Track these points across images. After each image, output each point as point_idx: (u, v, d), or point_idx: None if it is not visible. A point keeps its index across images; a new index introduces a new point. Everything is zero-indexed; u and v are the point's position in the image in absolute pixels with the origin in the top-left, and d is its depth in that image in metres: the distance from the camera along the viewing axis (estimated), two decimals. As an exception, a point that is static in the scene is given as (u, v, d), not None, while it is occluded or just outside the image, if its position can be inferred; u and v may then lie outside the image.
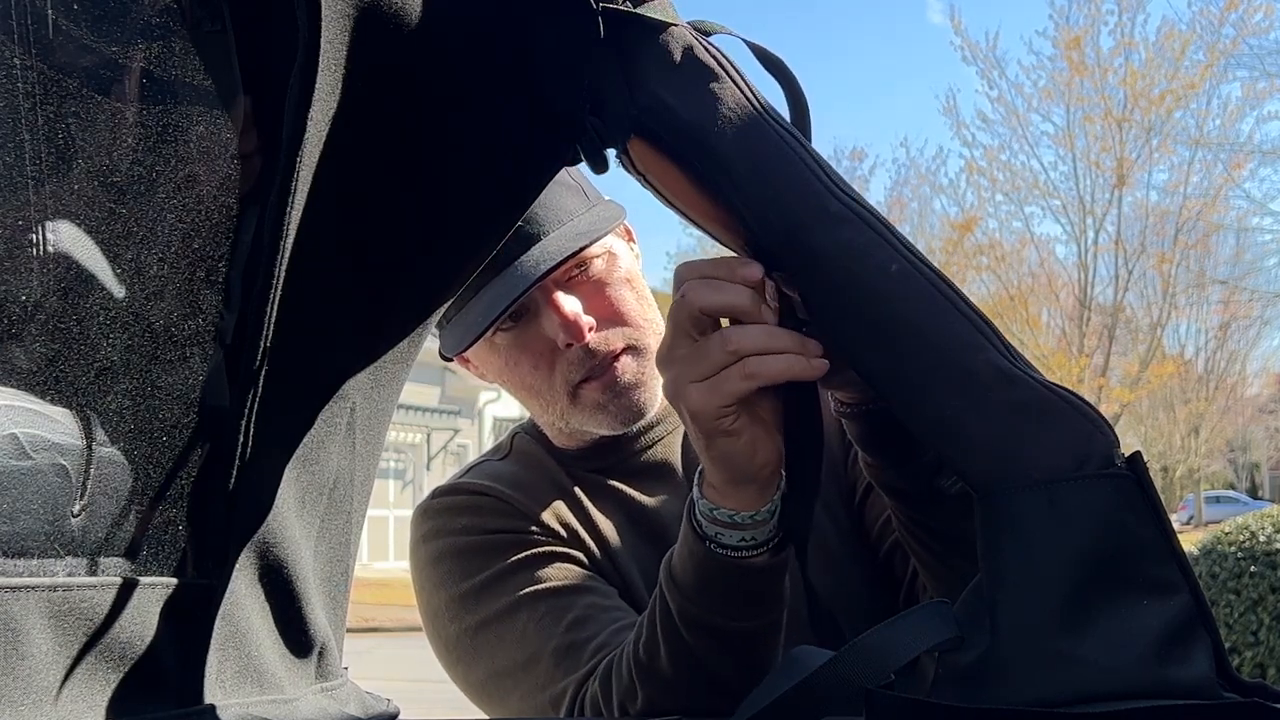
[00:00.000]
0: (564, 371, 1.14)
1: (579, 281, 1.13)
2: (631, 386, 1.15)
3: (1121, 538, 0.60)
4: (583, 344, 1.12)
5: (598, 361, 1.13)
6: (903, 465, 0.90)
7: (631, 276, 1.18)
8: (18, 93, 0.56)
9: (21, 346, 0.57)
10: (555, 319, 1.11)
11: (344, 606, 0.83)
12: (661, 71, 0.71)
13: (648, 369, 1.16)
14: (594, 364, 1.13)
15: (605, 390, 1.14)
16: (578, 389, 1.14)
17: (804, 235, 0.68)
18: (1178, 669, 0.58)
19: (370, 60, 0.65)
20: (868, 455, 0.92)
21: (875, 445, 0.91)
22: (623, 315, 1.15)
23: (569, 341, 1.11)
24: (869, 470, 0.94)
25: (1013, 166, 19.24)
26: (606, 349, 1.13)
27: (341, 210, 0.71)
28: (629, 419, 1.17)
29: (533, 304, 1.12)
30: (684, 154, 0.72)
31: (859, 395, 0.88)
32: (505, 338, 1.15)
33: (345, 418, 0.78)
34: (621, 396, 1.15)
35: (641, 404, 1.17)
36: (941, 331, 0.65)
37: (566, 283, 1.12)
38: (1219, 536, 5.01)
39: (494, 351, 1.17)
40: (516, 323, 1.14)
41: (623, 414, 1.16)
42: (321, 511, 0.78)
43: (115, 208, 0.62)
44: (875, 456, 0.92)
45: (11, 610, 0.54)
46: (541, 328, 1.13)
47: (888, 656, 0.62)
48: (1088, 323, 19.05)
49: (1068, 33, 18.13)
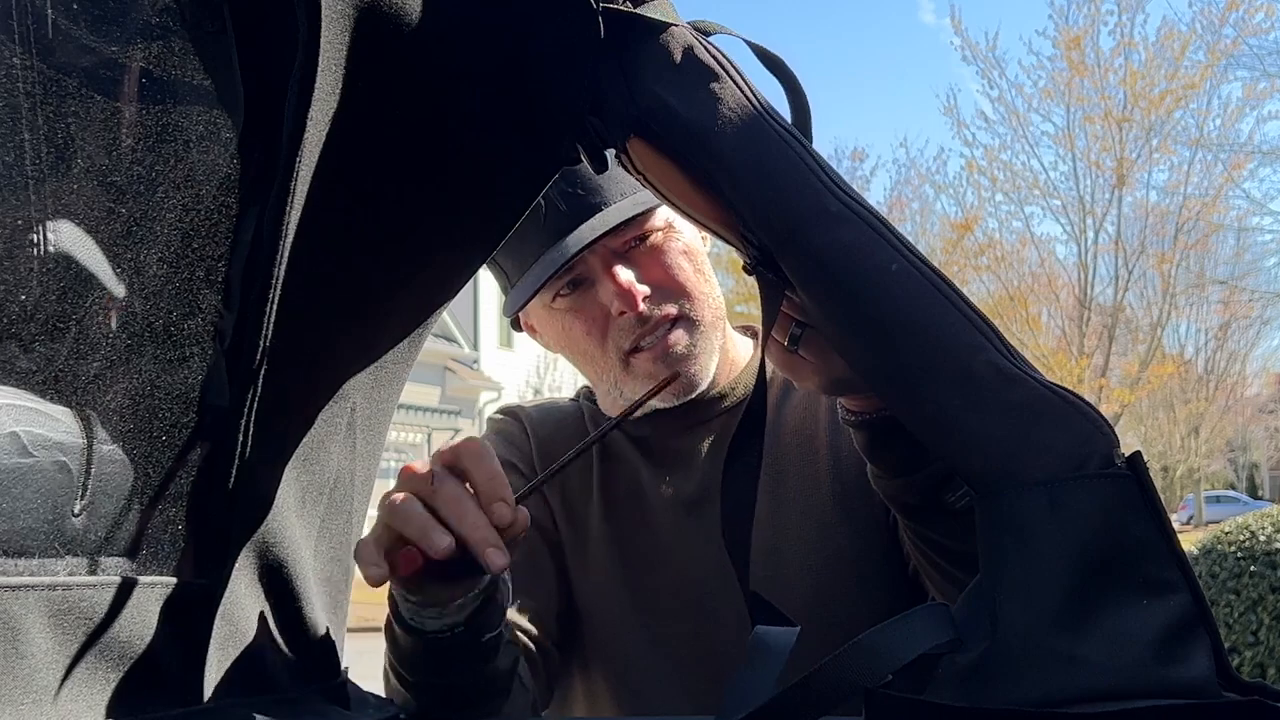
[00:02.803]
0: (616, 339, 1.15)
1: (638, 252, 1.15)
2: (683, 358, 1.16)
3: (1122, 538, 0.60)
4: (636, 312, 1.13)
5: (649, 330, 1.15)
6: (909, 475, 0.90)
7: (690, 250, 1.18)
8: (18, 93, 0.56)
9: (21, 346, 0.57)
10: (610, 286, 1.13)
11: (344, 606, 0.83)
12: (662, 71, 0.71)
13: (701, 342, 1.17)
14: (645, 332, 1.15)
15: (657, 360, 1.15)
16: (629, 357, 1.16)
17: (804, 234, 0.68)
18: (1178, 669, 0.58)
19: (370, 60, 0.65)
20: (873, 465, 0.93)
21: (881, 455, 0.91)
22: (678, 286, 1.16)
23: (622, 309, 1.13)
24: (876, 482, 0.94)
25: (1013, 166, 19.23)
26: (659, 315, 1.14)
27: (341, 210, 0.71)
28: (680, 391, 1.18)
29: (591, 272, 1.14)
30: (684, 153, 0.72)
31: (865, 404, 0.88)
32: (563, 303, 1.17)
33: (346, 417, 0.78)
34: (673, 368, 1.15)
35: (694, 376, 1.17)
36: (942, 331, 0.65)
37: (625, 253, 1.14)
38: (1219, 536, 5.00)
39: (552, 317, 1.19)
40: (574, 289, 1.16)
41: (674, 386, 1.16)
42: (322, 511, 0.78)
43: (115, 207, 0.62)
44: (881, 466, 0.92)
45: (11, 609, 0.54)
46: (597, 295, 1.15)
47: (888, 656, 0.62)
48: (1088, 323, 19.04)
49: (1068, 33, 18.11)
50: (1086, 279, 19.28)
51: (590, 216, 1.11)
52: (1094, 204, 18.95)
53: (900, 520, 0.95)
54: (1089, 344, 18.99)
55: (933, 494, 0.90)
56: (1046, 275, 19.56)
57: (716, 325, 1.19)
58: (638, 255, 1.15)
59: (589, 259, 1.13)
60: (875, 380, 0.69)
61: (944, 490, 0.90)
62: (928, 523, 0.92)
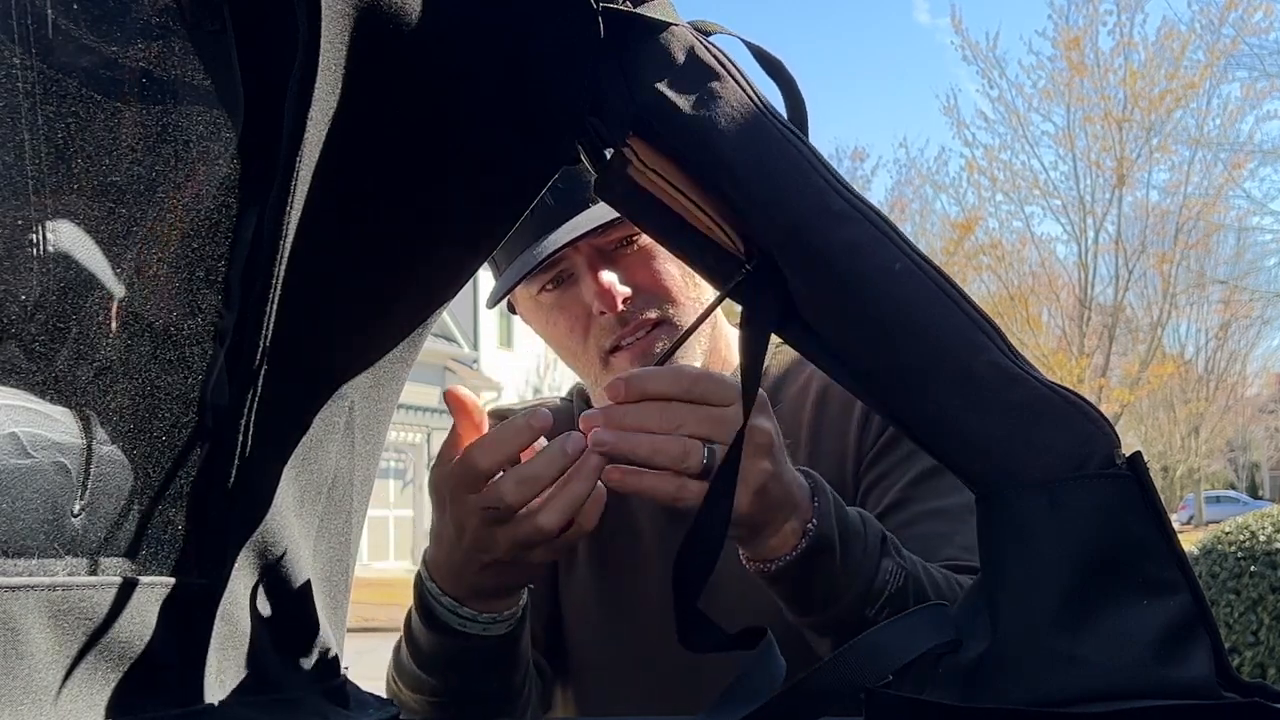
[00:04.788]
0: (596, 337, 1.16)
1: (624, 254, 1.15)
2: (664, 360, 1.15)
3: (1122, 538, 0.60)
4: (615, 313, 1.13)
5: (629, 331, 1.15)
6: (838, 603, 0.90)
7: None
8: (18, 93, 0.56)
9: (21, 346, 0.57)
10: (592, 286, 1.14)
11: (344, 606, 0.83)
12: (662, 70, 0.71)
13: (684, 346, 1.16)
14: (625, 333, 1.15)
15: (636, 361, 1.15)
16: (609, 356, 1.16)
17: (806, 233, 0.68)
18: (1178, 669, 0.58)
19: (370, 60, 0.65)
20: (798, 612, 0.93)
21: (805, 597, 0.92)
22: (663, 290, 1.16)
23: (601, 309, 1.14)
24: (801, 623, 0.94)
25: (1013, 166, 19.24)
26: (639, 319, 1.15)
27: (341, 210, 0.70)
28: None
29: (576, 269, 1.15)
30: (684, 153, 0.72)
31: (765, 553, 0.89)
32: (549, 298, 1.18)
33: (344, 417, 0.78)
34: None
35: None
36: (944, 331, 0.65)
37: (611, 253, 1.15)
38: (1219, 536, 5.00)
39: (539, 309, 1.20)
40: (559, 285, 1.17)
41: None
42: (320, 511, 0.78)
43: (115, 207, 0.62)
44: (808, 606, 0.92)
45: (11, 610, 0.53)
46: (580, 293, 1.15)
47: (888, 656, 0.62)
48: (1088, 323, 19.04)
49: (1068, 33, 18.12)
50: (1087, 279, 19.29)
51: (577, 213, 1.11)
52: (1094, 204, 18.97)
53: (828, 647, 0.94)
54: (1089, 344, 19.00)
55: (859, 612, 0.91)
56: (1047, 275, 19.57)
57: (703, 329, 1.19)
58: (623, 257, 1.15)
59: (573, 256, 1.14)
60: (875, 378, 0.68)
61: (865, 606, 0.91)
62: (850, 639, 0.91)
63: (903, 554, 0.95)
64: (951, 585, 0.96)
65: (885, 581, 0.92)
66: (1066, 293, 19.68)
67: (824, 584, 0.90)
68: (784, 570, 0.89)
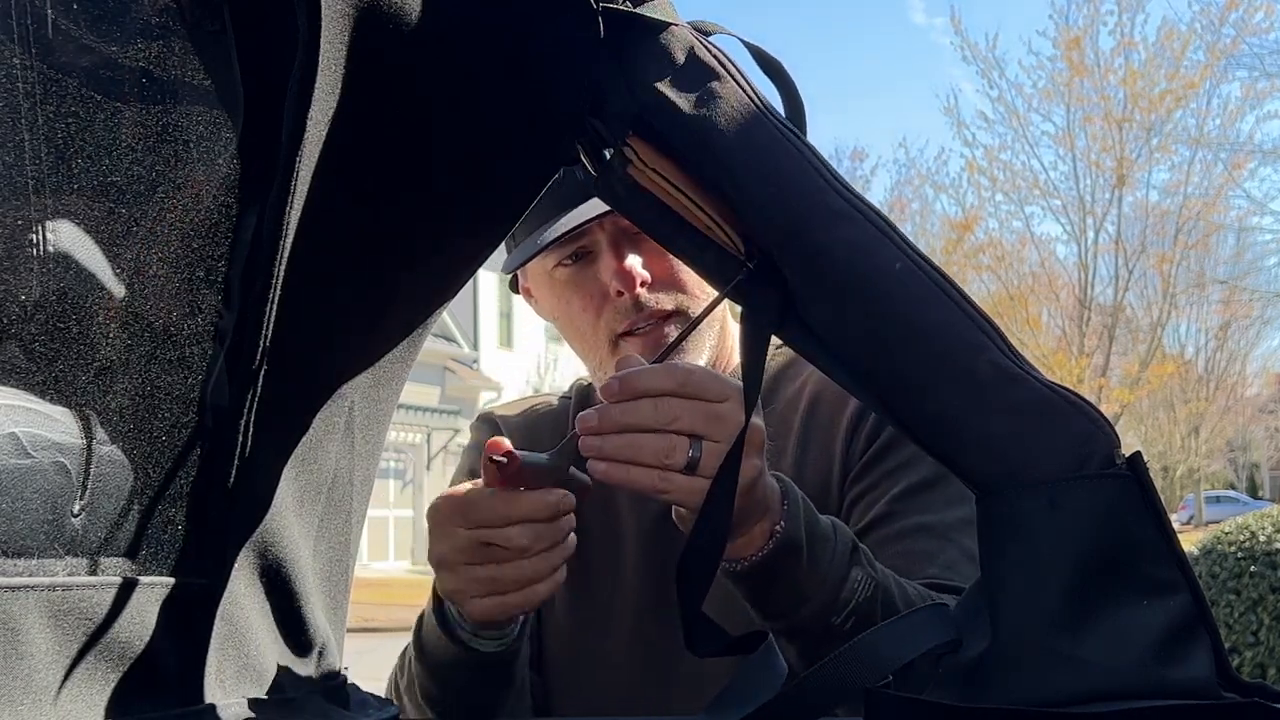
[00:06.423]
0: (609, 319, 1.14)
1: (646, 239, 1.13)
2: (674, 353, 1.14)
3: (1122, 538, 0.60)
4: (633, 296, 1.12)
5: (643, 317, 1.14)
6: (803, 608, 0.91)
7: None
8: (18, 93, 0.56)
9: (21, 346, 0.57)
10: (612, 265, 1.13)
11: (344, 606, 0.83)
12: (662, 70, 0.71)
13: (694, 338, 1.16)
14: (639, 319, 1.14)
15: (645, 349, 1.13)
16: (619, 340, 1.15)
17: (806, 232, 0.68)
18: (1178, 669, 0.58)
19: (370, 60, 0.65)
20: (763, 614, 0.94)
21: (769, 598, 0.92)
22: (681, 281, 1.15)
23: (619, 290, 1.12)
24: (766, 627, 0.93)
25: (1013, 166, 19.23)
26: (655, 308, 1.14)
27: (341, 210, 0.71)
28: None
29: (596, 247, 1.14)
30: (684, 152, 0.72)
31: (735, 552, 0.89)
32: (564, 274, 1.16)
33: (344, 417, 0.78)
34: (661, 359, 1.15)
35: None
36: (944, 330, 0.65)
37: (634, 236, 1.13)
38: (1219, 536, 5.00)
39: (551, 286, 1.19)
40: (577, 261, 1.15)
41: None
42: (320, 511, 0.78)
43: (115, 207, 0.62)
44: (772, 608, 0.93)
45: (11, 610, 0.54)
46: (598, 271, 1.14)
47: (888, 656, 0.62)
48: (1088, 323, 19.04)
49: (1068, 33, 18.12)
50: (1086, 279, 19.29)
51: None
52: (1094, 204, 18.96)
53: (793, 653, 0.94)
54: (1089, 344, 18.99)
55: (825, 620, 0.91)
56: (1046, 275, 19.57)
57: (713, 323, 1.19)
58: (645, 242, 1.14)
59: (596, 233, 1.12)
60: (875, 378, 0.68)
61: (831, 614, 0.90)
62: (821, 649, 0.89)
63: (875, 565, 0.95)
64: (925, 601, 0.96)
65: (854, 590, 0.91)
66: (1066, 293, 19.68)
67: (788, 587, 0.90)
68: (749, 570, 0.90)
